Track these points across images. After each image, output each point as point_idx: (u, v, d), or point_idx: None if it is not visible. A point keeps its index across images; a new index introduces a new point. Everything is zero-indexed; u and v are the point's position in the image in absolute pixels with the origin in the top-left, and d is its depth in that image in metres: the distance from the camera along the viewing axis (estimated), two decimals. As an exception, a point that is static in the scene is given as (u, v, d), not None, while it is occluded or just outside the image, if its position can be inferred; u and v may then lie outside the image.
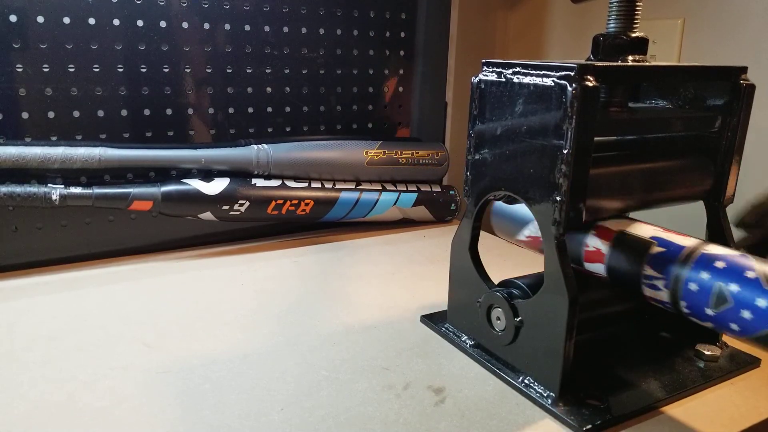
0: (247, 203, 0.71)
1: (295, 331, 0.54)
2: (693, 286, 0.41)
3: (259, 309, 0.58)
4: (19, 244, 0.66)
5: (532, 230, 0.53)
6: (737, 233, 0.65)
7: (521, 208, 0.53)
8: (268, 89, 0.77)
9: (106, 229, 0.70)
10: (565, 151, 0.40)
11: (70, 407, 0.42)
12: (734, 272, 0.39)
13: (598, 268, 0.47)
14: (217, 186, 0.70)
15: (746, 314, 0.38)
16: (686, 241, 0.44)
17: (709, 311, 0.40)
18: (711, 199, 0.51)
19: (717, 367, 0.49)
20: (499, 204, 0.55)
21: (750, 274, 0.39)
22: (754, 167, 0.65)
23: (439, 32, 0.88)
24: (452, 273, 0.53)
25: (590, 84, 0.39)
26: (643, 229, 0.47)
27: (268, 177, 0.74)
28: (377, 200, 0.80)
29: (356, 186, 0.79)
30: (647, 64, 0.47)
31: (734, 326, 0.39)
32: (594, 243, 0.47)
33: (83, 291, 0.62)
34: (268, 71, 0.76)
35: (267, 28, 0.74)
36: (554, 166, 0.41)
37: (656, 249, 0.44)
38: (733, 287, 0.39)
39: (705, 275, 0.40)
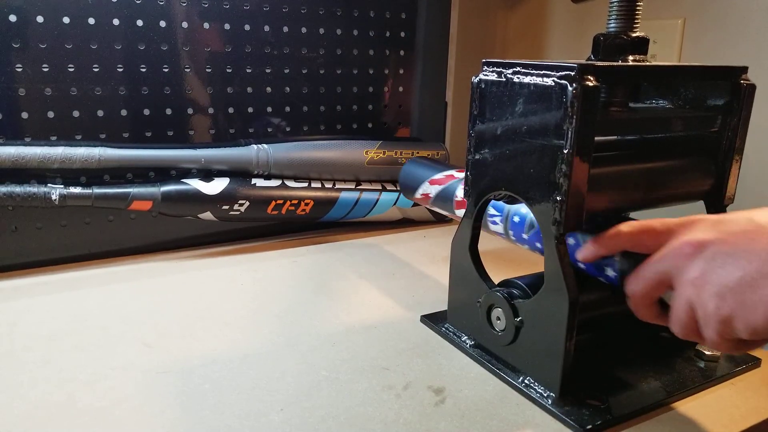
0: (247, 203, 0.71)
1: (295, 331, 0.54)
2: (516, 219, 0.52)
3: (259, 309, 0.58)
4: (19, 244, 0.66)
5: (425, 189, 0.65)
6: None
7: (419, 169, 0.68)
8: (268, 89, 0.77)
9: (105, 229, 0.70)
10: (565, 151, 0.40)
11: (70, 407, 0.42)
12: None
13: (462, 214, 0.58)
14: (216, 186, 0.70)
15: None
16: None
17: (525, 235, 0.51)
18: (711, 198, 0.51)
19: (717, 367, 0.49)
20: (405, 165, 0.71)
21: None
22: (754, 167, 0.65)
23: (439, 32, 0.88)
24: (452, 273, 0.53)
25: (591, 84, 0.39)
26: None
27: (268, 177, 0.74)
28: (377, 200, 0.80)
29: (356, 186, 0.79)
30: (647, 63, 0.47)
31: (538, 245, 0.50)
32: (461, 194, 0.59)
33: (83, 291, 0.62)
34: (268, 71, 0.76)
35: (267, 28, 0.74)
36: (554, 166, 0.41)
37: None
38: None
39: (523, 210, 0.51)
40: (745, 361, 0.50)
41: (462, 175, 0.63)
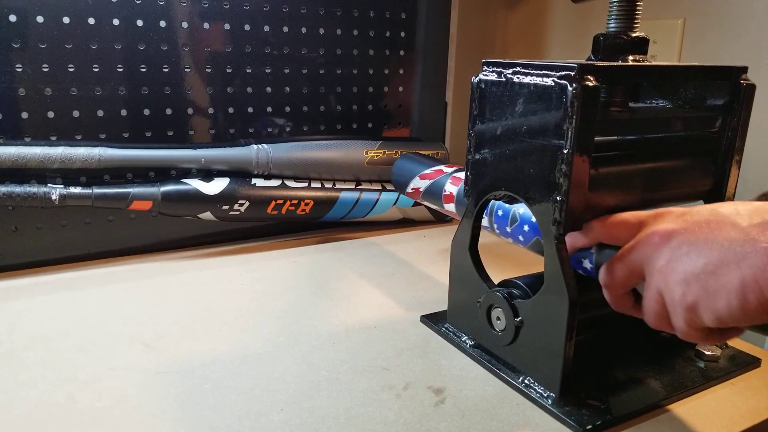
0: (247, 203, 0.71)
1: (295, 331, 0.54)
2: (500, 213, 0.54)
3: (259, 309, 0.58)
4: (19, 244, 0.66)
5: (415, 183, 0.67)
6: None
7: (410, 165, 0.70)
8: (268, 89, 0.77)
9: (105, 229, 0.70)
10: (565, 151, 0.40)
11: (70, 407, 0.42)
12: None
13: (450, 208, 0.62)
14: (216, 186, 0.70)
15: (526, 227, 0.52)
16: None
17: (508, 228, 0.53)
18: (711, 198, 0.51)
19: (717, 368, 0.49)
20: (397, 161, 0.73)
21: None
22: (754, 167, 0.65)
23: (439, 32, 0.88)
24: (452, 273, 0.53)
25: (590, 84, 0.39)
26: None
27: (268, 177, 0.74)
28: (377, 200, 0.80)
29: (356, 186, 0.79)
30: (647, 63, 0.47)
31: (521, 237, 0.52)
32: (449, 189, 0.62)
33: (83, 291, 0.62)
34: (268, 71, 0.76)
35: (267, 28, 0.74)
36: (554, 166, 0.41)
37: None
38: (521, 210, 0.52)
39: (506, 205, 0.53)
40: (745, 362, 0.50)
41: (451, 170, 0.65)
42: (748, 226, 0.34)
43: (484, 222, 0.55)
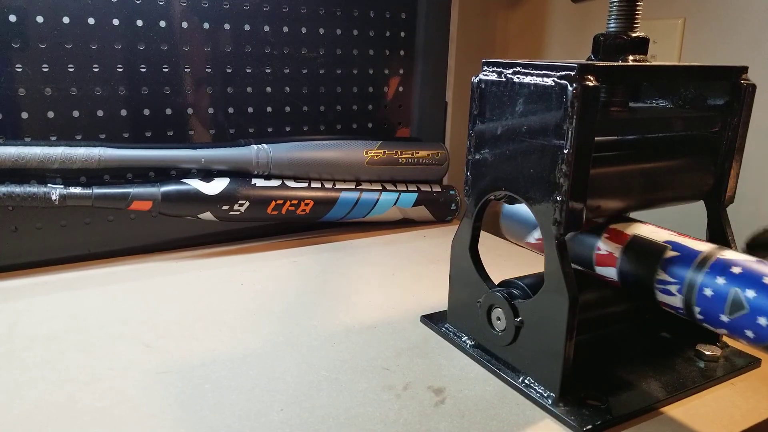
0: (247, 203, 0.71)
1: (295, 331, 0.54)
2: (708, 292, 0.40)
3: (259, 309, 0.58)
4: (19, 244, 0.66)
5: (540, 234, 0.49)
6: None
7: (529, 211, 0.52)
8: (268, 89, 0.77)
9: (105, 229, 0.70)
10: (565, 151, 0.40)
11: (69, 407, 0.42)
12: (751, 278, 0.39)
13: (610, 272, 0.47)
14: (216, 186, 0.70)
15: (762, 321, 0.37)
16: (701, 246, 0.43)
17: (724, 318, 0.39)
18: (711, 199, 0.51)
19: (717, 367, 0.49)
20: (509, 207, 0.55)
21: (767, 281, 0.38)
22: (754, 167, 0.65)
23: (439, 32, 0.88)
24: (452, 273, 0.53)
25: (591, 84, 0.39)
26: (657, 233, 0.46)
27: (268, 177, 0.74)
28: (377, 200, 0.80)
29: (356, 186, 0.79)
30: (648, 63, 0.47)
31: (749, 333, 0.38)
32: (606, 247, 0.47)
33: (83, 291, 0.62)
34: (268, 71, 0.76)
35: (267, 28, 0.74)
36: (555, 166, 0.41)
37: (670, 253, 0.43)
38: (750, 293, 0.38)
39: (721, 281, 0.40)
40: (745, 362, 0.50)
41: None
42: None
43: (678, 302, 0.42)
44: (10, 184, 0.63)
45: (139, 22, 0.67)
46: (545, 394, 0.44)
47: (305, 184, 0.76)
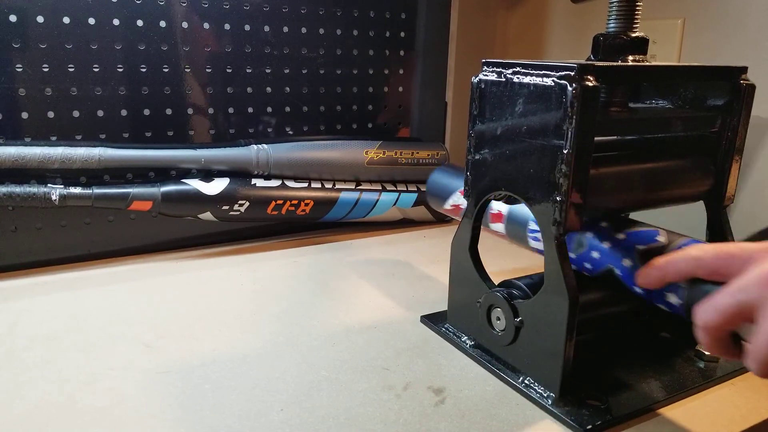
0: (247, 203, 0.71)
1: (295, 331, 0.54)
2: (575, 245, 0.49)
3: (259, 309, 0.58)
4: (19, 244, 0.66)
5: (455, 200, 0.61)
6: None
7: (450, 179, 0.63)
8: (268, 89, 0.77)
9: (105, 229, 0.70)
10: (565, 151, 0.40)
11: (70, 407, 0.42)
12: (591, 224, 0.49)
13: (500, 228, 0.56)
14: (216, 186, 0.70)
15: (595, 254, 0.48)
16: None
17: (572, 254, 0.49)
18: (711, 199, 0.51)
19: (717, 368, 0.49)
20: (435, 172, 0.66)
21: (603, 224, 0.48)
22: (754, 167, 0.65)
23: (439, 32, 0.88)
24: (452, 273, 0.53)
25: (590, 84, 0.39)
26: None
27: (267, 177, 0.74)
28: (377, 200, 0.80)
29: (356, 186, 0.79)
30: (647, 64, 0.47)
31: (587, 265, 0.48)
32: (496, 207, 0.56)
33: (83, 291, 0.62)
34: (268, 71, 0.76)
35: (267, 28, 0.74)
36: (554, 166, 0.41)
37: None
38: (588, 235, 0.49)
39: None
40: (745, 361, 0.50)
41: None
42: None
43: (538, 246, 0.50)
44: (10, 184, 0.63)
45: (140, 22, 0.67)
46: (545, 394, 0.44)
47: (305, 185, 0.76)
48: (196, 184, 0.69)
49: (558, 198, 0.41)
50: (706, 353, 0.49)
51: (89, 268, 0.68)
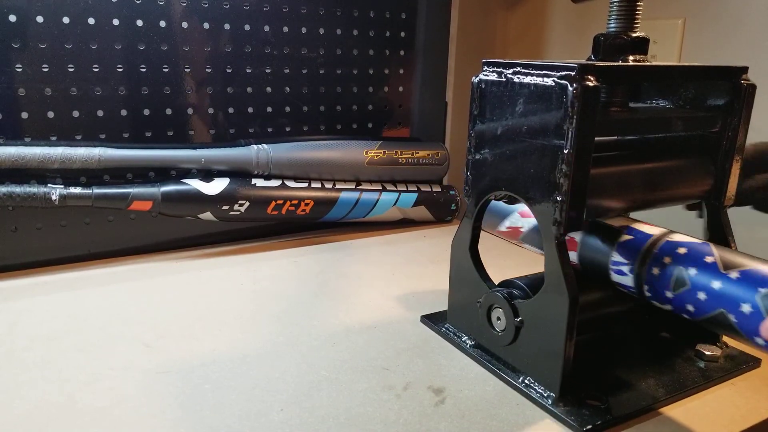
0: (247, 203, 0.71)
1: (295, 331, 0.54)
2: (655, 271, 0.44)
3: (259, 309, 0.58)
4: (19, 244, 0.66)
5: (514, 221, 0.55)
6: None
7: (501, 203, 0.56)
8: (268, 89, 0.77)
9: (105, 229, 0.70)
10: (565, 151, 0.40)
11: (70, 407, 0.42)
12: (694, 258, 0.43)
13: (572, 256, 0.50)
14: (216, 186, 0.70)
15: (701, 296, 0.41)
16: (654, 231, 0.47)
17: (669, 294, 0.43)
18: (711, 199, 0.51)
19: (717, 368, 0.49)
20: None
21: (708, 260, 0.42)
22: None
23: (439, 32, 0.88)
24: (452, 273, 0.53)
25: (591, 84, 0.39)
26: (615, 219, 0.50)
27: (268, 177, 0.74)
28: (377, 200, 0.80)
29: (356, 186, 0.79)
30: (648, 63, 0.47)
31: (690, 307, 0.42)
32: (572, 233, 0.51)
33: (83, 291, 0.62)
34: (268, 71, 0.76)
35: (267, 28, 0.74)
36: (555, 166, 0.41)
37: (625, 237, 0.47)
38: (692, 271, 0.42)
39: (667, 260, 0.43)
40: (745, 361, 0.50)
41: None
42: None
43: (629, 281, 0.45)
44: (10, 184, 0.63)
45: (139, 22, 0.67)
46: (545, 394, 0.44)
47: (305, 184, 0.76)
48: (196, 184, 0.69)
49: (558, 198, 0.41)
50: (706, 353, 0.49)
51: (89, 268, 0.68)
